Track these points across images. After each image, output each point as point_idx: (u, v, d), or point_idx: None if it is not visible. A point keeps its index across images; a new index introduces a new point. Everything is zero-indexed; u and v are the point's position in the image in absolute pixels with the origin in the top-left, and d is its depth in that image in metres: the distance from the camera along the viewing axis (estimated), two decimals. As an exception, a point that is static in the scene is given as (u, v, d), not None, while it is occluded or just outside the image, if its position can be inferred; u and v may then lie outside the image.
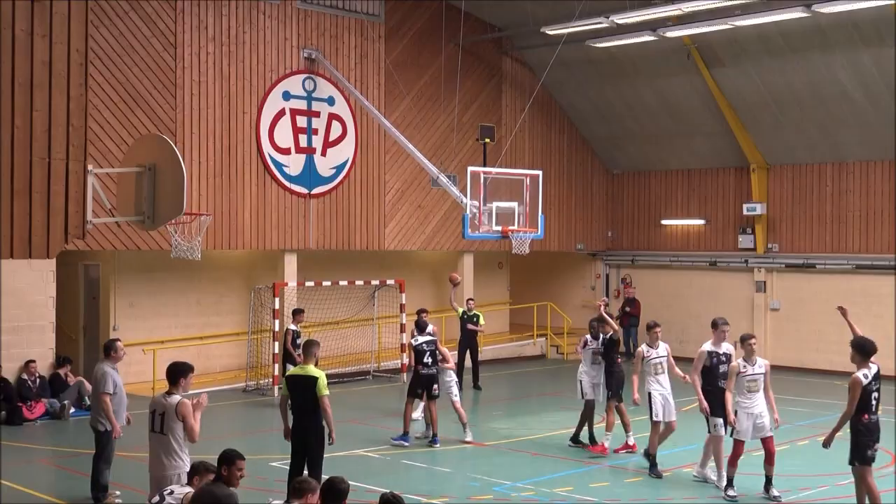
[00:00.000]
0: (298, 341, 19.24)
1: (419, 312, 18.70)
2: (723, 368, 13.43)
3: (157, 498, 9.14)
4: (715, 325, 13.93)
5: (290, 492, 8.03)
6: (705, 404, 13.43)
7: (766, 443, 13.00)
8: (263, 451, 15.02)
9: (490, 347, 24.24)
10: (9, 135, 18.87)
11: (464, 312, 22.83)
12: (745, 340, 13.08)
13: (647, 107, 27.35)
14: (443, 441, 16.59)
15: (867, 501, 11.22)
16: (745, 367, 12.96)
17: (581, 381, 16.18)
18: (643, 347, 14.77)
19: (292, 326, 20.07)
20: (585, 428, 16.18)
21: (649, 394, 14.48)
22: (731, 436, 13.08)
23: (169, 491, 9.18)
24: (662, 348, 14.77)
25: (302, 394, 11.76)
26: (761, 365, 13.06)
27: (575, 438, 16.27)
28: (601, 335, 16.12)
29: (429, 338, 16.71)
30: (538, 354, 28.33)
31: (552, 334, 29.27)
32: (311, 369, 11.85)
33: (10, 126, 18.89)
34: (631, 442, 15.73)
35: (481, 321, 22.92)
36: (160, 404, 10.34)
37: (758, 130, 26.20)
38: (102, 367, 12.74)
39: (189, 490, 8.94)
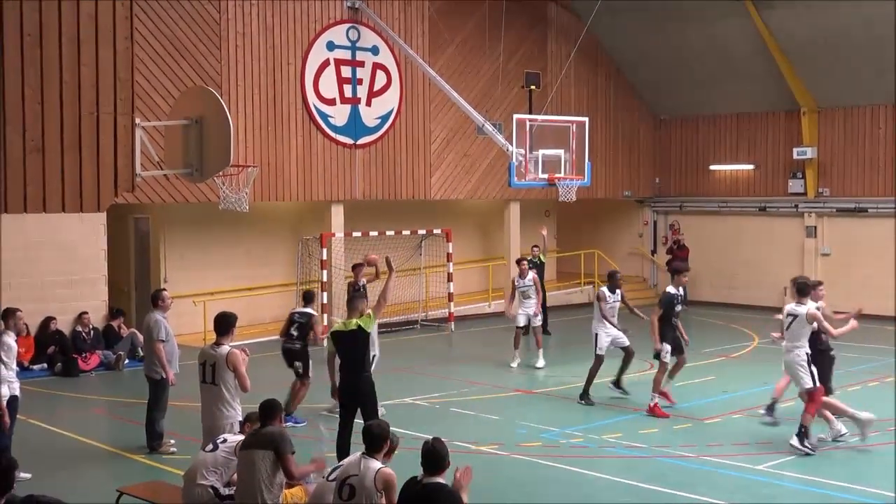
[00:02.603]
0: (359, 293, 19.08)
1: (519, 262, 19.12)
2: None
3: (210, 446, 9.30)
4: None
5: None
6: None
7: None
8: (312, 401, 15.16)
9: (538, 295, 24.28)
10: (57, 90, 19.05)
11: (530, 261, 22.96)
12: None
13: (695, 51, 26.93)
14: (490, 389, 16.67)
15: None
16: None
17: (597, 335, 15.72)
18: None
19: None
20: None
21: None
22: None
23: (222, 439, 9.34)
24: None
25: (349, 348, 11.46)
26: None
27: (585, 392, 15.70)
28: (619, 290, 15.80)
29: (306, 310, 14.82)
30: (586, 302, 28.22)
31: (599, 282, 29.13)
32: (352, 322, 11.48)
33: (59, 81, 19.06)
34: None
35: (542, 258, 23.04)
36: (210, 355, 10.44)
37: (808, 73, 25.72)
38: (154, 316, 12.92)
39: (241, 438, 9.10)
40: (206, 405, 10.42)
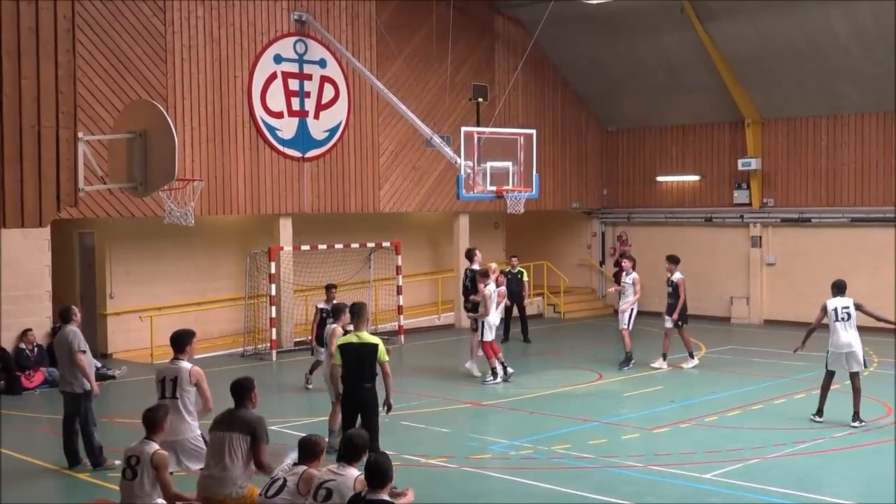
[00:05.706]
0: (330, 321, 17.88)
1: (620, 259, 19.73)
2: None
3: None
4: None
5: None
6: None
7: None
8: (265, 415, 15.03)
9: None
10: (-2, 103, 18.72)
11: (508, 271, 23.23)
12: None
13: (642, 63, 27.18)
14: (440, 402, 16.67)
15: None
16: None
17: (858, 351, 15.09)
18: None
19: (321, 305, 17.88)
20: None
21: None
22: None
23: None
24: None
25: (358, 362, 11.31)
26: None
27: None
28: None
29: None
30: (535, 314, 28.35)
31: (549, 293, 29.31)
32: (367, 336, 11.42)
33: (-1, 94, 18.75)
34: None
35: (525, 277, 23.85)
36: (170, 370, 10.40)
37: (752, 84, 26.06)
38: (72, 328, 12.70)
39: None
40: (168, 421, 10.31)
